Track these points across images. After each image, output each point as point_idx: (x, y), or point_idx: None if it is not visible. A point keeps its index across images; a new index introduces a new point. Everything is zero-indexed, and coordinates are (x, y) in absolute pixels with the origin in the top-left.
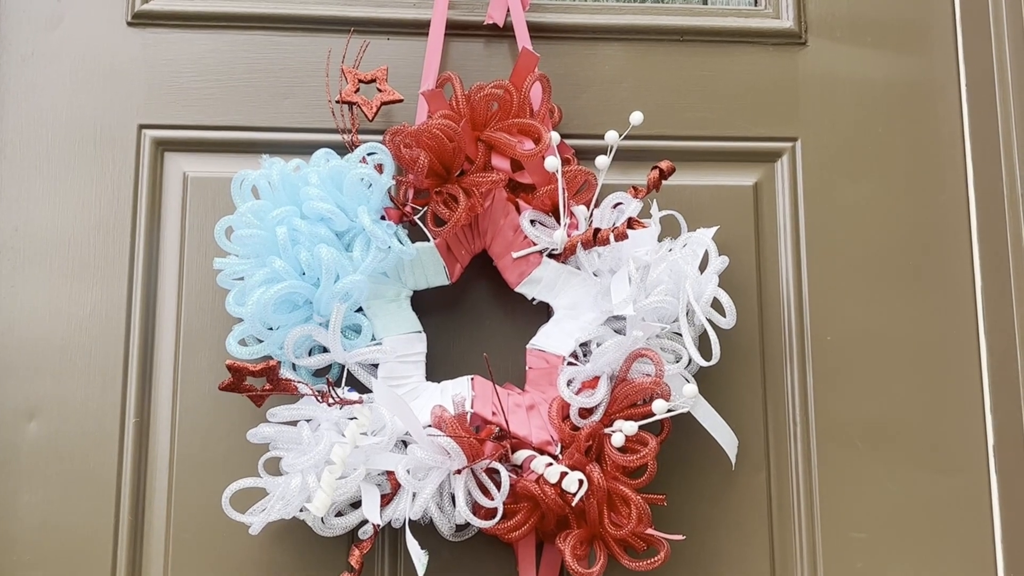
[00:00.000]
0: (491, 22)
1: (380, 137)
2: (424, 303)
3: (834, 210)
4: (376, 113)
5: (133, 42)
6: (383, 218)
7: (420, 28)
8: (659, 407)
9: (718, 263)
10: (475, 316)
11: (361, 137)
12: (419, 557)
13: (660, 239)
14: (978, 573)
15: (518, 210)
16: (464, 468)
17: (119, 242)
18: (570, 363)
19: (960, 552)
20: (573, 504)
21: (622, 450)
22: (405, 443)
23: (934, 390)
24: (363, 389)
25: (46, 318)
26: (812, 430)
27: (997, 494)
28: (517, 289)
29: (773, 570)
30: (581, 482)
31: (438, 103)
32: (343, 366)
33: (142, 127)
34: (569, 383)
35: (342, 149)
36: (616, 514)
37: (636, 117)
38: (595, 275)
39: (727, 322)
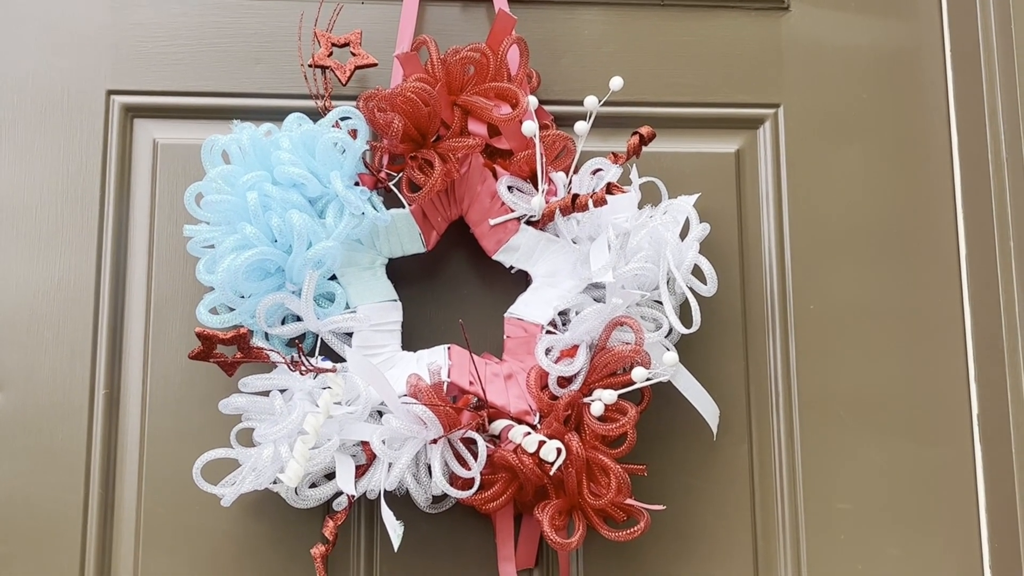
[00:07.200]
0: None
1: (354, 103)
2: (400, 271)
3: (817, 177)
4: (350, 77)
5: (101, 6)
6: (357, 184)
7: None
8: (639, 375)
9: (699, 230)
10: (452, 284)
11: (334, 102)
12: (395, 528)
13: (640, 206)
14: (963, 543)
15: (495, 176)
16: (440, 438)
17: (87, 210)
18: (548, 332)
19: (945, 522)
20: (551, 474)
21: (601, 419)
22: (380, 413)
23: (918, 360)
24: (337, 358)
25: (12, 288)
26: (795, 400)
27: (981, 464)
28: (495, 257)
29: (755, 541)
30: (559, 451)
31: (413, 67)
32: (317, 335)
33: (111, 93)
34: (548, 352)
35: (315, 115)
36: (595, 484)
37: (616, 82)
38: (574, 242)
39: (708, 289)
